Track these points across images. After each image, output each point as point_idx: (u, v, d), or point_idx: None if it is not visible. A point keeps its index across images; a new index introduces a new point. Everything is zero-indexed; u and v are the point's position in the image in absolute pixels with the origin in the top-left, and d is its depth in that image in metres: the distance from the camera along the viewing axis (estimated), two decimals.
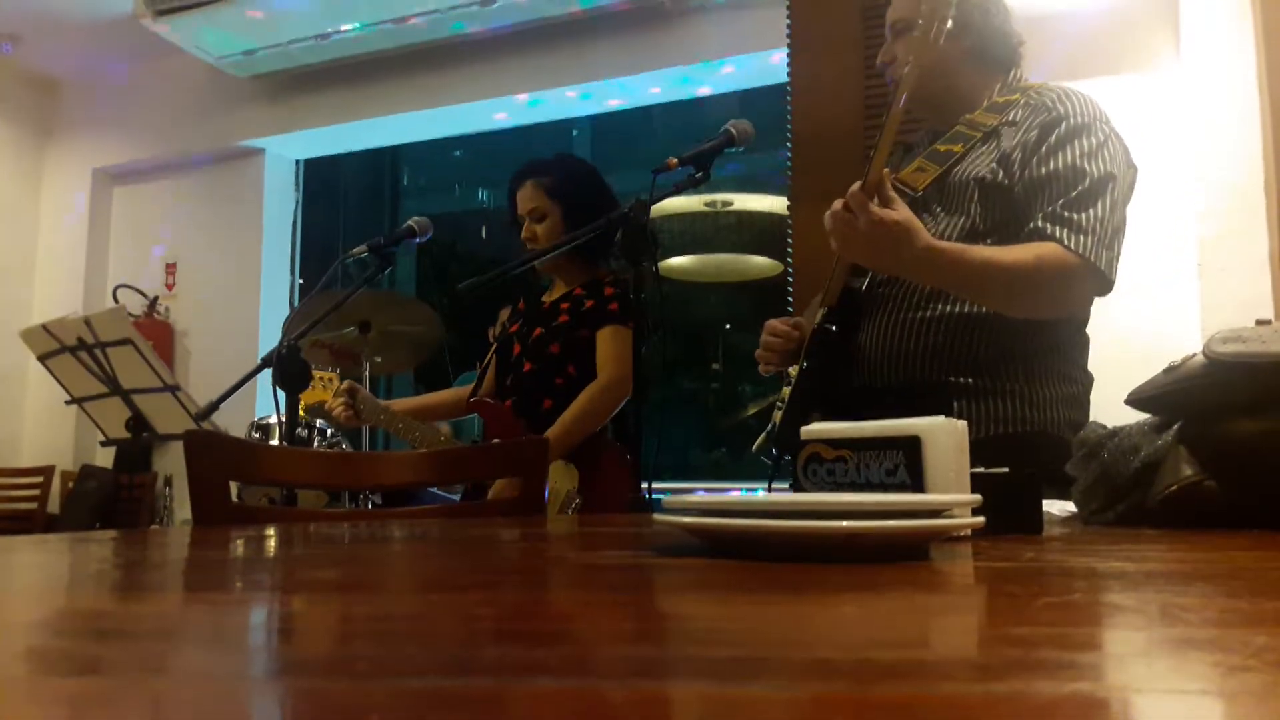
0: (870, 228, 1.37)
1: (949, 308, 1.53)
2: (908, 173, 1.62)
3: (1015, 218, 1.51)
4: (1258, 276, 2.82)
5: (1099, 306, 1.59)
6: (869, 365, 1.57)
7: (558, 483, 2.26)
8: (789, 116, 3.19)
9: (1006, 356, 1.52)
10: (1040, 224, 1.46)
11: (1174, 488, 0.97)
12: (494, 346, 2.57)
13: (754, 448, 1.67)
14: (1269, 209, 2.87)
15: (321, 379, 2.75)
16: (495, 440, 2.29)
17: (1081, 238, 1.43)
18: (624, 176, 5.76)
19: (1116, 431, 1.11)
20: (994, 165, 1.54)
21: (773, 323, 1.70)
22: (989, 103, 1.62)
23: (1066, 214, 1.45)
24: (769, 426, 1.65)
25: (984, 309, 1.52)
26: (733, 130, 1.79)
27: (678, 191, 1.82)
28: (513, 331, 2.48)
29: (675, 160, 1.76)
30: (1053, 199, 1.46)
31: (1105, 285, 1.49)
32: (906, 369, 1.54)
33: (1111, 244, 1.46)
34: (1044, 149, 1.49)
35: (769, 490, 1.66)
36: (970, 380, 1.52)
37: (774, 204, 4.34)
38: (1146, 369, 1.09)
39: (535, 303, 2.50)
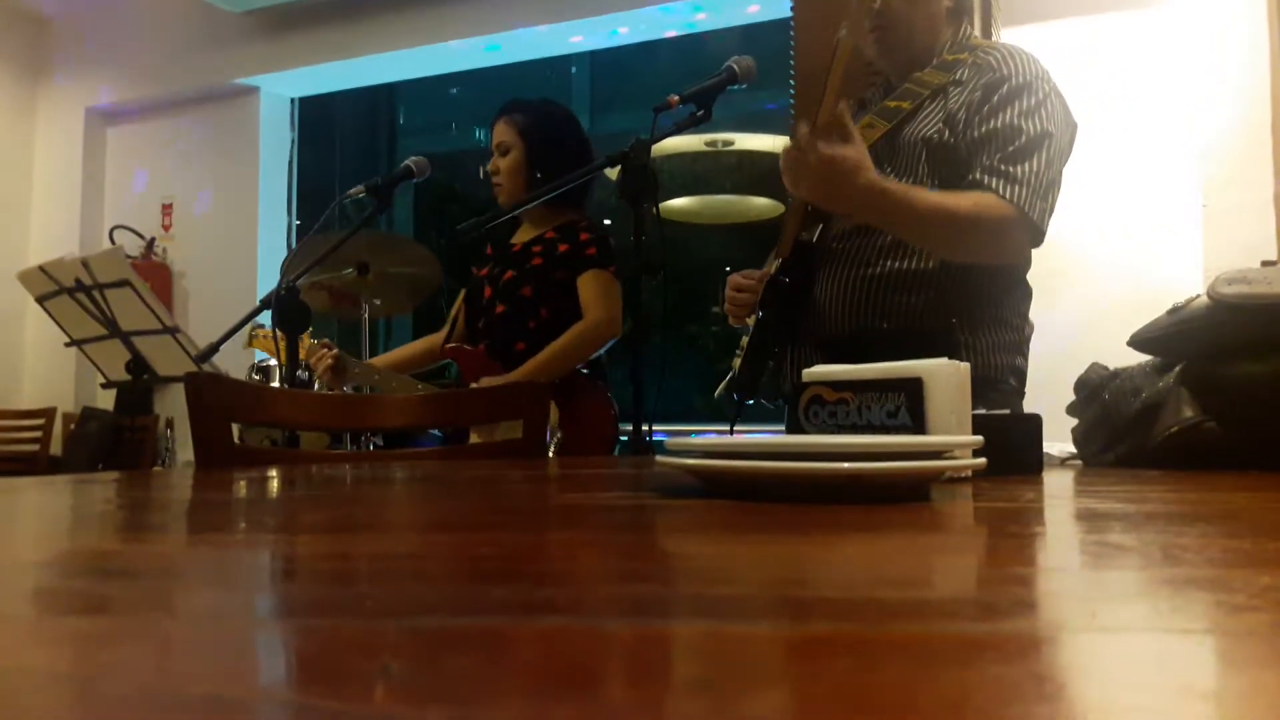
0: (819, 164, 1.41)
1: (893, 264, 1.57)
2: (858, 129, 1.64)
3: (959, 175, 1.55)
4: (1263, 217, 2.80)
5: (1103, 246, 1.59)
6: (821, 319, 1.62)
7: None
8: (792, 53, 3.14)
9: (947, 308, 1.57)
10: (978, 176, 1.51)
11: (1175, 429, 0.97)
12: (462, 293, 2.58)
13: (716, 393, 1.72)
14: (1275, 149, 2.84)
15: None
16: (473, 384, 2.31)
17: (1016, 188, 1.48)
18: (624, 114, 5.69)
19: (1118, 373, 1.11)
20: (940, 125, 1.58)
21: (735, 277, 1.73)
22: (938, 60, 1.65)
23: (1003, 167, 1.49)
24: (730, 373, 1.70)
25: (925, 265, 1.56)
26: (735, 67, 1.76)
27: (679, 130, 1.80)
28: (482, 275, 2.48)
29: (676, 98, 1.74)
30: (991, 154, 1.51)
31: (1037, 236, 1.53)
32: (855, 320, 1.59)
33: (1045, 195, 1.50)
34: (986, 109, 1.54)
35: (731, 433, 1.71)
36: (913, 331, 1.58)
37: (776, 143, 4.29)
38: (1149, 310, 1.09)
39: (504, 246, 2.51)
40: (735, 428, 1.74)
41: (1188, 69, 3.00)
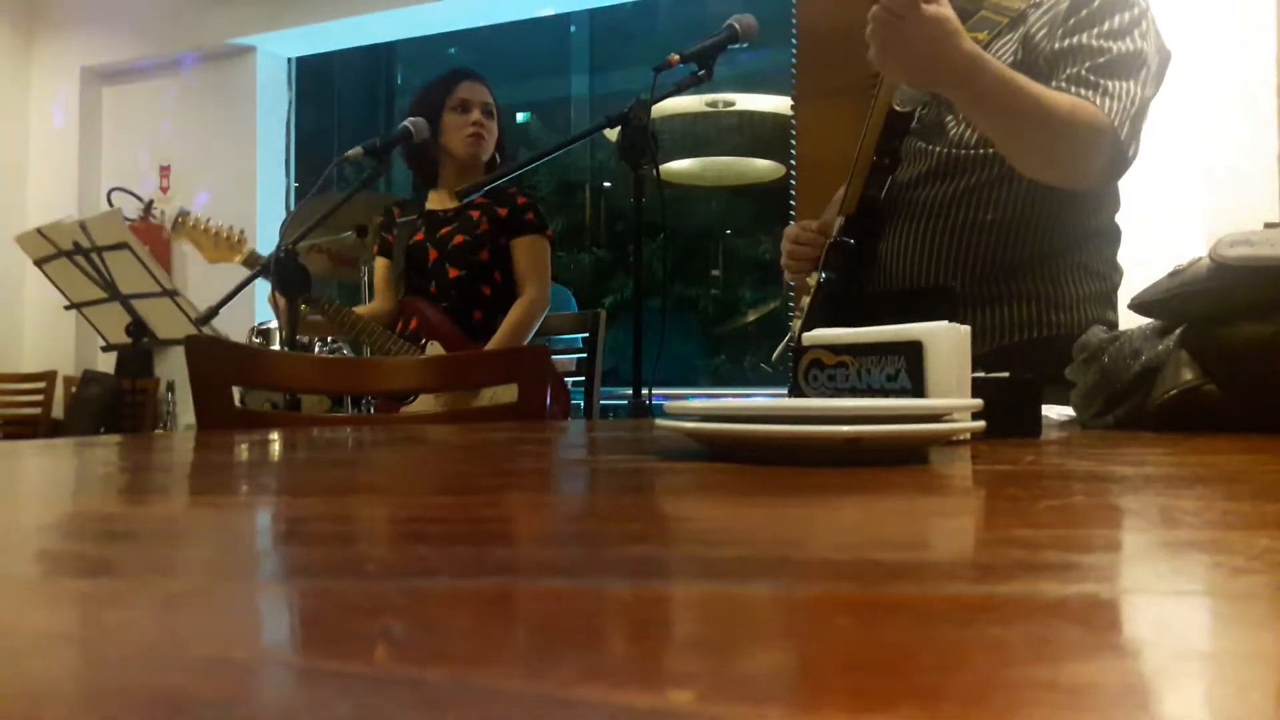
0: (924, 24, 1.23)
1: (968, 213, 1.47)
2: None
3: None
4: (1266, 179, 2.78)
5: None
6: (887, 274, 1.53)
7: (499, 394, 2.28)
8: (794, 10, 3.10)
9: (1029, 259, 1.46)
10: (1063, 85, 1.33)
11: (1174, 392, 0.97)
12: (383, 262, 2.58)
13: (774, 357, 1.66)
14: None
15: (217, 235, 2.67)
16: (434, 342, 2.34)
17: (1110, 102, 1.30)
18: (623, 74, 5.63)
19: (1118, 335, 1.11)
20: (1017, 48, 1.44)
21: (793, 230, 1.62)
22: None
23: (1093, 78, 1.32)
24: (787, 337, 1.63)
25: (1004, 214, 1.45)
26: (736, 25, 1.74)
27: (679, 90, 1.79)
28: (419, 239, 2.48)
29: (677, 57, 1.72)
30: (1079, 64, 1.35)
31: (1122, 163, 1.36)
32: (925, 277, 1.49)
33: (1137, 120, 1.34)
34: (1072, 21, 1.38)
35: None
36: (991, 287, 1.47)
37: (778, 104, 4.25)
38: (1150, 273, 1.09)
39: (420, 210, 2.54)
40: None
41: (1192, 32, 2.97)
